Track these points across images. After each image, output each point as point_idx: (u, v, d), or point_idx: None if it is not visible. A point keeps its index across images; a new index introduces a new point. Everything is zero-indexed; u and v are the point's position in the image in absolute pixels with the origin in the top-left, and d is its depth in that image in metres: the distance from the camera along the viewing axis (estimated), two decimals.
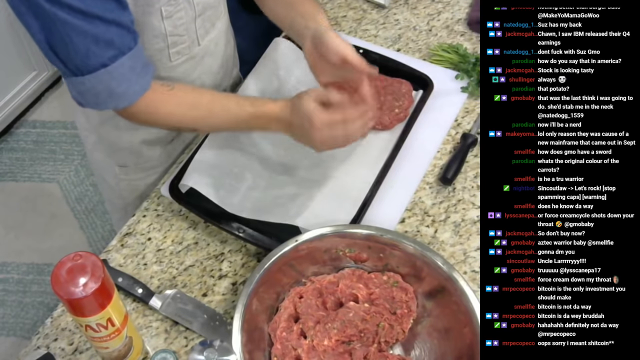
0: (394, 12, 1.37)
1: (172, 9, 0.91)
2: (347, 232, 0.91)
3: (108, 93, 0.84)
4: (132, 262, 1.02)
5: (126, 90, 0.84)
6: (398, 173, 1.08)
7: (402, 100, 1.13)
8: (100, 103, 0.85)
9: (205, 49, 1.04)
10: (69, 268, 0.73)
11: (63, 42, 0.77)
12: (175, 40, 0.97)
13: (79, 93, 0.85)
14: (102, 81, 0.82)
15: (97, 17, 0.77)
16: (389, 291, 0.90)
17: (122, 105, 0.86)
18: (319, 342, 0.86)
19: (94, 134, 1.15)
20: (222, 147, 1.09)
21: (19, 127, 2.48)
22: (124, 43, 0.81)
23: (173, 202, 1.05)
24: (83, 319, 0.76)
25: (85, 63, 0.80)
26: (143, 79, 0.86)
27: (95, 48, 0.79)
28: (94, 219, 2.22)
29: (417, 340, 0.90)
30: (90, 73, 0.81)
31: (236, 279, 1.00)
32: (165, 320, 0.95)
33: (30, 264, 2.11)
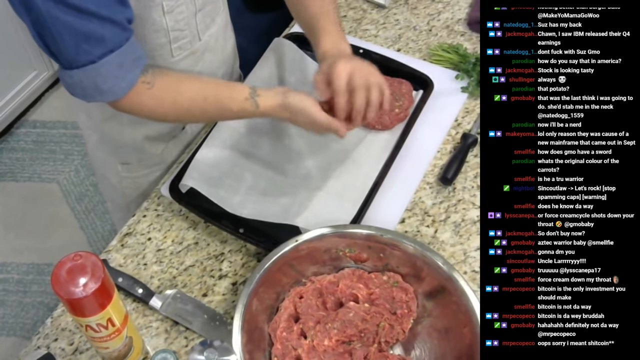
0: (394, 12, 1.37)
1: (173, 3, 0.92)
2: (347, 232, 0.91)
3: (94, 88, 0.84)
4: (132, 262, 1.02)
5: (112, 86, 0.84)
6: (398, 173, 1.08)
7: (402, 100, 1.14)
8: (87, 96, 0.86)
9: (205, 44, 1.05)
10: (69, 268, 0.73)
11: (53, 38, 0.77)
12: (176, 35, 0.97)
13: (69, 85, 0.85)
14: (89, 77, 0.82)
15: (92, 14, 0.77)
16: (389, 291, 0.90)
17: (107, 99, 0.87)
18: (319, 342, 0.86)
19: (96, 132, 1.15)
20: (222, 147, 1.09)
21: (19, 127, 2.48)
22: (115, 40, 0.81)
23: (173, 202, 1.05)
24: (83, 319, 0.76)
25: (74, 59, 0.80)
26: (131, 73, 0.85)
27: (86, 45, 0.79)
28: (94, 219, 2.22)
29: (417, 340, 0.90)
30: (78, 68, 0.81)
31: (236, 279, 1.00)
32: (165, 320, 0.95)
33: (30, 264, 2.11)
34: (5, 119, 2.41)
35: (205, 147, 1.08)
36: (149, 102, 0.89)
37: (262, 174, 1.07)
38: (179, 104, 0.91)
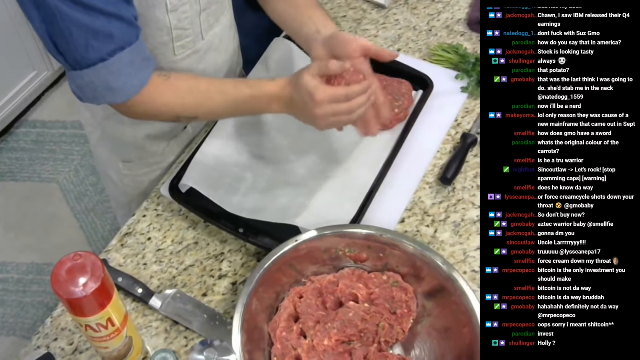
0: (394, 12, 1.37)
1: (177, 2, 0.92)
2: (347, 232, 0.91)
3: (106, 87, 0.84)
4: (132, 262, 1.02)
5: (124, 85, 0.84)
6: (398, 173, 1.08)
7: (402, 100, 1.13)
8: (98, 97, 0.85)
9: (209, 43, 1.04)
10: (69, 268, 0.73)
11: (63, 35, 0.77)
12: (179, 34, 0.97)
13: (78, 87, 0.85)
14: (100, 76, 0.82)
15: (99, 10, 0.77)
16: (389, 291, 0.90)
17: (120, 99, 0.86)
18: (319, 342, 0.86)
19: (98, 130, 1.15)
20: (222, 147, 1.09)
21: (19, 127, 2.48)
22: (124, 37, 0.81)
23: (173, 202, 1.05)
24: (83, 319, 0.76)
25: (84, 57, 0.80)
26: (142, 72, 0.85)
27: (95, 42, 0.79)
28: (94, 219, 2.22)
29: (417, 340, 0.90)
30: (88, 67, 0.81)
31: (236, 279, 1.00)
32: (165, 320, 0.95)
33: (30, 264, 2.11)
34: (5, 119, 2.41)
35: (206, 147, 1.08)
36: (166, 92, 0.89)
37: (262, 174, 1.07)
38: (197, 88, 0.91)
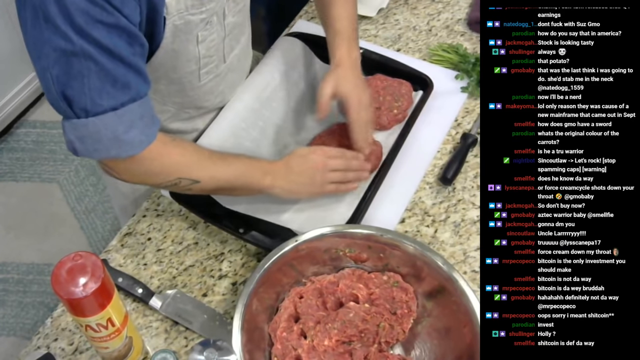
0: (394, 12, 1.37)
1: (207, 33, 0.92)
2: (347, 232, 0.91)
3: (113, 138, 0.79)
4: (132, 262, 1.02)
5: (133, 138, 0.81)
6: (398, 173, 1.08)
7: (401, 101, 1.13)
8: (100, 150, 0.80)
9: (229, 65, 1.06)
10: (69, 268, 0.73)
11: (78, 78, 0.75)
12: (206, 62, 0.98)
13: (77, 138, 0.79)
14: (108, 125, 0.78)
15: (122, 59, 0.76)
16: (389, 291, 0.90)
17: (125, 153, 0.82)
18: (319, 342, 0.86)
19: None
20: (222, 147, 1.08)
21: (19, 127, 2.48)
22: (138, 89, 0.80)
23: (173, 202, 1.05)
24: (83, 319, 0.76)
25: (95, 103, 0.77)
26: (150, 129, 0.83)
27: (111, 89, 0.77)
28: (94, 219, 2.22)
29: (417, 340, 0.90)
30: (96, 115, 0.77)
31: (236, 279, 1.00)
32: (165, 320, 0.95)
33: (30, 264, 2.11)
34: (5, 119, 2.41)
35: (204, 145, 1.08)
36: (174, 150, 0.88)
37: None
38: (201, 151, 0.93)
